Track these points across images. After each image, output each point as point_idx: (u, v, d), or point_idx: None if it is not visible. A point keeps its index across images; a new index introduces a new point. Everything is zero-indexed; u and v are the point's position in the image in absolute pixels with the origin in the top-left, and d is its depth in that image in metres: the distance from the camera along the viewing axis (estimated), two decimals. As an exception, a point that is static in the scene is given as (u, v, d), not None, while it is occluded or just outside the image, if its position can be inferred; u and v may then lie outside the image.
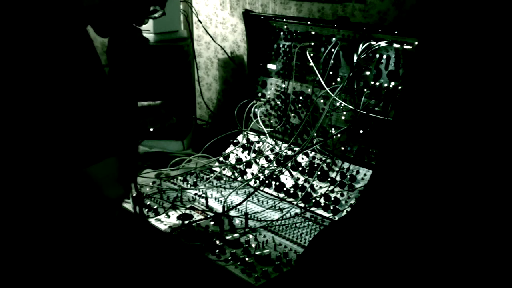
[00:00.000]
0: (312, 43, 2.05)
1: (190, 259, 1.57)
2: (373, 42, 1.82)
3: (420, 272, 1.27)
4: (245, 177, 2.10)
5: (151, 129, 2.17)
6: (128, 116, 1.39)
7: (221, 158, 2.22)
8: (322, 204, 1.81)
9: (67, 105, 1.20)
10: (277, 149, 2.12)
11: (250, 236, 1.63)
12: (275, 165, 2.05)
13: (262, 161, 2.12)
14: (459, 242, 1.25)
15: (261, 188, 1.98)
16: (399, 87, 1.78)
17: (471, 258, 1.23)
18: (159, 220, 1.75)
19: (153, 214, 1.79)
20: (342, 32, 1.95)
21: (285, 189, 1.94)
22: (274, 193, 1.97)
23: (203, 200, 1.89)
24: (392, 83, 1.80)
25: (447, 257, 1.25)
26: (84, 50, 1.28)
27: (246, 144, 2.21)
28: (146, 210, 1.80)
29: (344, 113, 1.93)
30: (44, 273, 1.31)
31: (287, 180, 1.98)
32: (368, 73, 1.86)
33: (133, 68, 1.43)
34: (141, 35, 1.48)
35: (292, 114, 2.13)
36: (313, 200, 1.84)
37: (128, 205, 1.82)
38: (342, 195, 1.80)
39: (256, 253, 1.51)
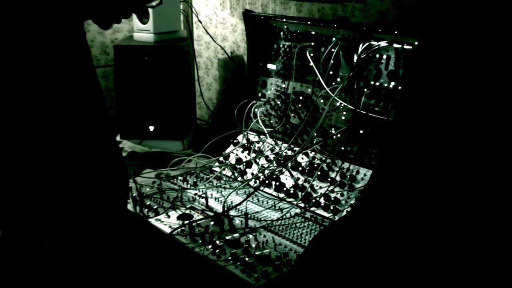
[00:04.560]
0: (312, 43, 2.05)
1: (190, 259, 1.57)
2: (373, 42, 1.82)
3: (420, 272, 1.27)
4: (245, 177, 2.10)
5: (151, 129, 2.17)
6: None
7: (221, 158, 2.22)
8: (322, 204, 1.81)
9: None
10: (277, 149, 2.12)
11: (250, 236, 1.63)
12: (275, 165, 2.05)
13: (262, 161, 2.12)
14: (459, 242, 1.25)
15: (261, 188, 1.98)
16: (399, 87, 1.78)
17: (471, 258, 1.23)
18: (159, 220, 1.75)
19: (153, 214, 1.79)
20: (342, 32, 1.95)
21: (285, 189, 1.94)
22: (274, 193, 1.97)
23: (203, 200, 1.89)
24: (392, 83, 1.80)
25: (447, 257, 1.25)
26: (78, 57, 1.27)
27: (246, 144, 2.21)
28: (146, 210, 1.80)
29: (344, 113, 1.93)
30: (43, 272, 1.31)
31: (287, 180, 1.98)
32: (367, 74, 1.86)
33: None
34: None
35: (292, 114, 2.13)
36: (313, 200, 1.84)
37: (129, 205, 1.82)
38: (342, 195, 1.80)
39: (256, 253, 1.51)
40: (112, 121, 1.40)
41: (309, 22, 2.07)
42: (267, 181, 2.00)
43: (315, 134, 2.00)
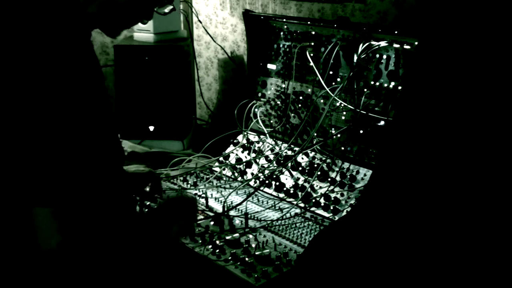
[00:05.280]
0: (312, 43, 2.05)
1: (190, 259, 1.57)
2: (373, 42, 1.82)
3: (420, 272, 1.27)
4: (245, 177, 2.10)
5: (151, 129, 2.17)
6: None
7: (221, 158, 2.22)
8: (322, 204, 1.81)
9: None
10: (277, 149, 2.12)
11: (250, 236, 1.63)
12: (275, 165, 2.05)
13: (262, 161, 2.12)
14: (459, 242, 1.25)
15: (261, 188, 1.98)
16: (399, 87, 1.78)
17: (471, 258, 1.23)
18: (159, 220, 1.75)
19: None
20: (342, 32, 1.95)
21: (285, 189, 1.94)
22: (274, 193, 1.97)
23: (203, 200, 1.89)
24: (392, 83, 1.80)
25: (447, 257, 1.25)
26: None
27: (246, 144, 2.21)
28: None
29: (344, 113, 1.93)
30: (42, 273, 1.30)
31: (287, 180, 1.98)
32: (367, 74, 1.86)
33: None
34: None
35: (292, 114, 2.13)
36: (313, 200, 1.84)
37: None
38: (342, 195, 1.80)
39: (256, 253, 1.51)
40: (116, 123, 1.41)
41: (309, 22, 2.07)
42: (267, 181, 2.00)
43: (315, 134, 2.00)
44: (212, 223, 1.71)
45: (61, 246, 1.20)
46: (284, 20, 2.16)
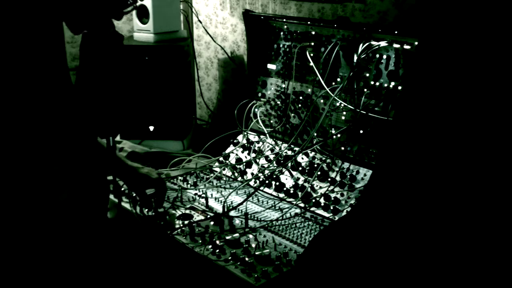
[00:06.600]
0: (312, 43, 2.05)
1: (190, 259, 1.57)
2: (373, 42, 1.82)
3: (420, 272, 1.27)
4: (245, 177, 2.10)
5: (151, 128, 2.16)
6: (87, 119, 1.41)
7: (221, 158, 2.22)
8: (322, 204, 1.81)
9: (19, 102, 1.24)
10: (277, 149, 2.12)
11: (250, 236, 1.63)
12: (275, 165, 2.05)
13: (262, 161, 2.12)
14: (459, 242, 1.25)
15: (261, 188, 1.98)
16: (399, 87, 1.78)
17: (471, 258, 1.23)
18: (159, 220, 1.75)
19: (153, 214, 1.78)
20: (342, 32, 1.95)
21: (285, 189, 1.94)
22: (274, 193, 1.97)
23: (203, 200, 1.89)
24: (392, 83, 1.80)
25: (447, 257, 1.25)
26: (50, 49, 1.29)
27: (246, 144, 2.21)
28: (146, 210, 1.80)
29: (344, 113, 1.93)
30: (40, 272, 1.31)
31: (287, 180, 1.98)
32: (367, 74, 1.86)
33: (106, 65, 1.40)
34: (115, 31, 1.44)
35: (292, 114, 2.13)
36: (313, 200, 1.84)
37: (128, 205, 1.82)
38: (342, 195, 1.80)
39: (256, 253, 1.51)
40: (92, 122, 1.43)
41: (309, 22, 2.07)
42: (267, 181, 2.00)
43: (315, 134, 2.00)
44: (212, 223, 1.71)
45: (69, 200, 1.30)
46: (284, 20, 2.16)
